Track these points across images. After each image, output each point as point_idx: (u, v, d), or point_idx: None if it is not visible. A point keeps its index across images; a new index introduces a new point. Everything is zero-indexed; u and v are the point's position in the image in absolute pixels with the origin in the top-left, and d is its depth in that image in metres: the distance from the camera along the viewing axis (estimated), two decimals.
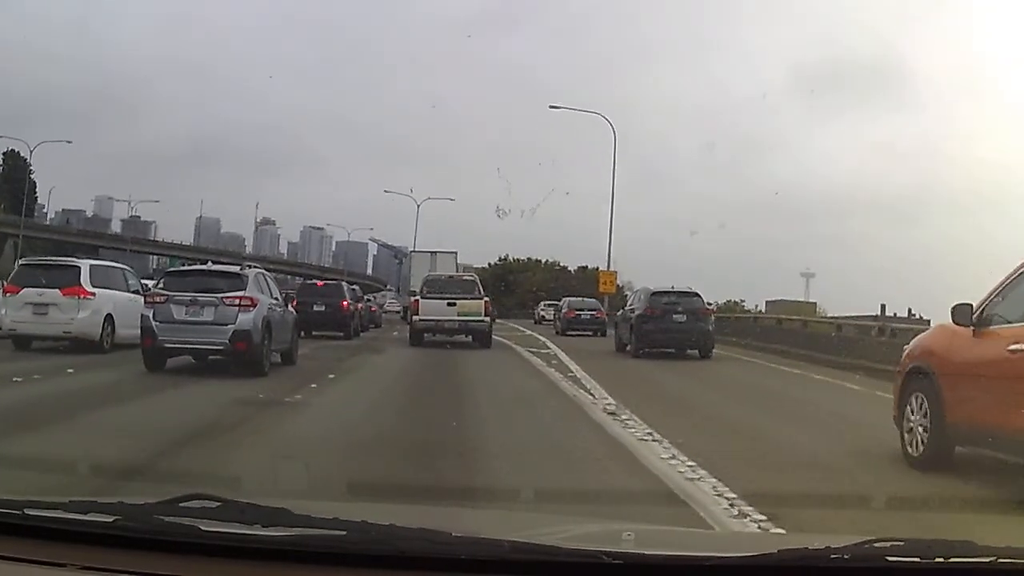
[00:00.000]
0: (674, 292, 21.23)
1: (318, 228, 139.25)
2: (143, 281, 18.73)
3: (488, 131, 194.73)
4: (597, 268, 77.51)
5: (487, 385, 13.52)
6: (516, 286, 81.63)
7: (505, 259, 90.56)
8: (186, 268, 17.02)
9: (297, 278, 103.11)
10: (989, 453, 6.56)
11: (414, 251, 53.26)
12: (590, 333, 32.32)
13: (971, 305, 6.84)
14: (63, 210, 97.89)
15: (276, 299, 14.50)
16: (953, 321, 7.00)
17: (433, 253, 44.60)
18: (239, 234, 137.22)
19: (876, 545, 1.81)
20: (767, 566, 1.77)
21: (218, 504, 1.97)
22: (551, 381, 13.98)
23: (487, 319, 22.02)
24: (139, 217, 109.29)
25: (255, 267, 14.77)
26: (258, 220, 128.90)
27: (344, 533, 1.80)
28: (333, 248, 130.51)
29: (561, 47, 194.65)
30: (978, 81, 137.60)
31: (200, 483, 4.80)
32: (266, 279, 14.59)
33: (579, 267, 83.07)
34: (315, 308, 24.14)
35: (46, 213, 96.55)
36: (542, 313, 50.25)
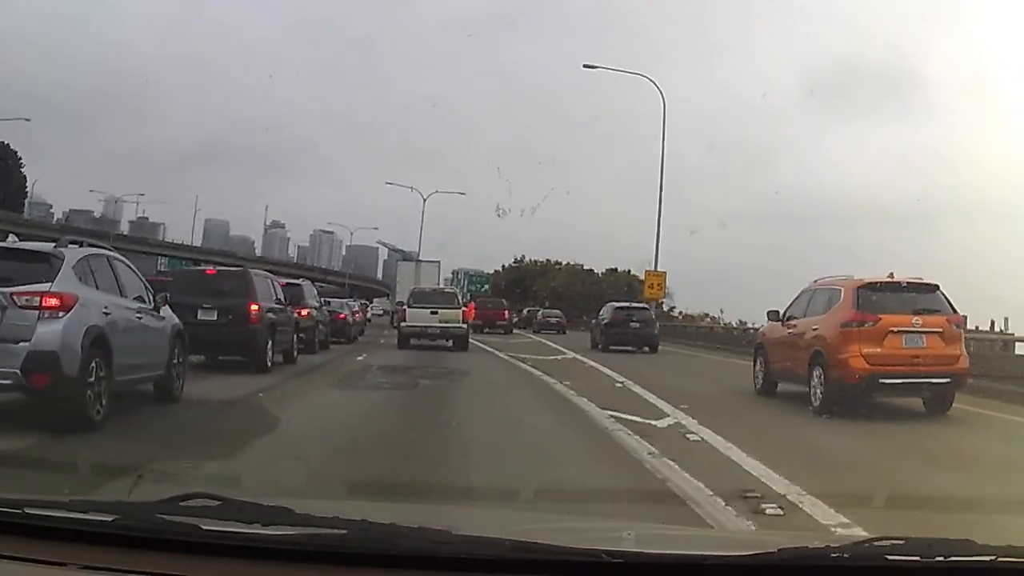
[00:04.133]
0: (631, 307, 30.14)
1: (328, 232, 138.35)
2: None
3: (493, 131, 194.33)
4: (629, 271, 71.19)
5: None
6: (534, 290, 75.87)
7: (521, 261, 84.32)
8: None
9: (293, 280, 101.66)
10: (794, 386, 12.17)
11: (400, 260, 55.50)
12: (555, 332, 43.96)
13: (779, 311, 13.18)
14: (70, 210, 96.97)
15: (138, 297, 9.51)
16: (768, 320, 13.85)
17: (418, 262, 49.59)
18: (248, 236, 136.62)
19: (876, 544, 1.82)
20: (767, 565, 1.77)
21: (218, 503, 1.97)
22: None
23: (464, 326, 24.74)
24: (147, 218, 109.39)
25: (92, 245, 9.42)
26: (267, 223, 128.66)
27: (345, 532, 1.80)
28: (344, 252, 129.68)
29: (567, 48, 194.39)
30: (989, 88, 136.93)
31: None
32: (110, 265, 9.19)
33: (608, 269, 76.89)
34: (200, 316, 13.93)
35: (52, 213, 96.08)
36: None
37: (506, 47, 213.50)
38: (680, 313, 59.73)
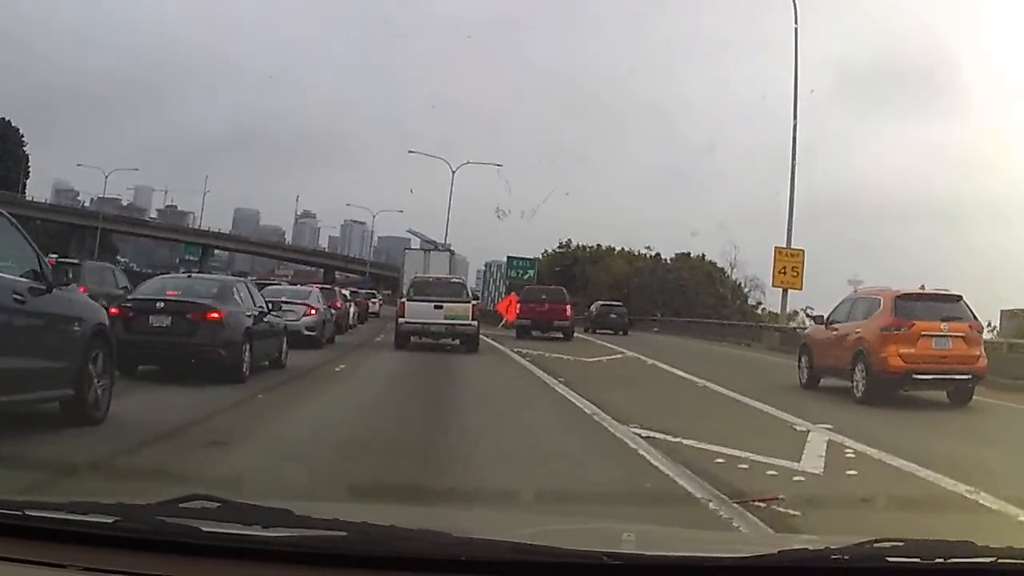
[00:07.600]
0: (611, 305, 44.56)
1: (359, 222, 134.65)
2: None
3: (520, 122, 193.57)
4: (703, 256, 61.47)
5: None
6: (586, 280, 64.06)
7: (567, 245, 71.67)
8: None
9: (314, 268, 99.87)
10: (836, 380, 13.94)
11: (408, 248, 51.61)
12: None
13: (823, 315, 15.47)
14: (98, 198, 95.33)
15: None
16: (814, 323, 16.62)
17: (427, 251, 43.43)
18: (279, 226, 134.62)
19: (876, 545, 1.81)
20: (767, 566, 1.77)
21: (218, 505, 1.97)
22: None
23: (475, 323, 21.41)
24: (175, 206, 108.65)
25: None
26: (298, 213, 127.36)
27: (345, 534, 1.80)
28: (375, 243, 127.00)
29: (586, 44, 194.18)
30: (1000, 87, 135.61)
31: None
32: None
33: (679, 254, 64.87)
34: None
35: (80, 200, 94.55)
36: None
37: (530, 44, 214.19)
38: (764, 310, 51.39)
